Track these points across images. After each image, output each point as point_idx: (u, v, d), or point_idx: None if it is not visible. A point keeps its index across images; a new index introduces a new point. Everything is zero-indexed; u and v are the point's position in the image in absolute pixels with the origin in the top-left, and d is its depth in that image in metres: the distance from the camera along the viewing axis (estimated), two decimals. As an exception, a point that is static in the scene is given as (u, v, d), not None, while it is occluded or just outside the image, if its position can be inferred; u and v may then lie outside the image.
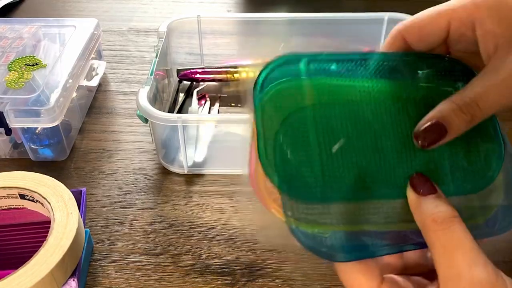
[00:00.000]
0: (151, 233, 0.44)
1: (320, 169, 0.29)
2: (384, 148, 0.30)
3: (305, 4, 0.80)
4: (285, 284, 0.40)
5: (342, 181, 0.29)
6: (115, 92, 0.62)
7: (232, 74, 0.61)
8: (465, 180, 0.30)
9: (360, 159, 0.30)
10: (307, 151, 0.29)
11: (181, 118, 0.45)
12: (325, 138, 0.30)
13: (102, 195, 0.48)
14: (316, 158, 0.29)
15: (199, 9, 0.72)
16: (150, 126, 0.49)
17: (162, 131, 0.50)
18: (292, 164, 0.29)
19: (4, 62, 0.54)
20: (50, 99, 0.48)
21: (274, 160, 0.29)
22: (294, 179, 0.29)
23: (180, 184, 0.49)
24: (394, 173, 0.30)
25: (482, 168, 0.31)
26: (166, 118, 0.46)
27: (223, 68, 0.62)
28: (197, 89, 0.61)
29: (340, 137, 0.30)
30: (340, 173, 0.29)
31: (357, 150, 0.30)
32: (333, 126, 0.30)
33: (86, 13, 0.80)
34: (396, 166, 0.30)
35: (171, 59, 0.62)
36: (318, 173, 0.29)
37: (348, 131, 0.30)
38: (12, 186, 0.39)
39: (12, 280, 0.33)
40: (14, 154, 0.52)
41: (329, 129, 0.30)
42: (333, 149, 0.30)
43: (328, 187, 0.29)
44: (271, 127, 0.30)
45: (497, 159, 0.31)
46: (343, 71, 0.32)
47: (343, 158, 0.30)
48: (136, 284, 0.40)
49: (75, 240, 0.36)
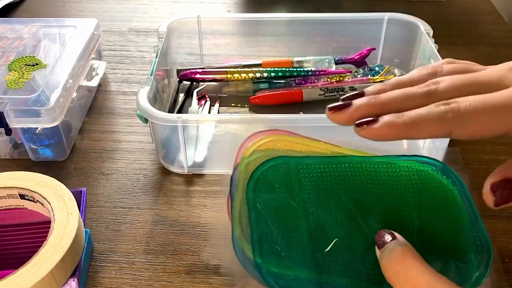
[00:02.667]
0: (151, 233, 0.44)
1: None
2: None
3: (305, 4, 0.80)
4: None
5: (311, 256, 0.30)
6: (115, 92, 0.62)
7: (232, 74, 0.60)
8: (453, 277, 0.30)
9: (333, 236, 0.31)
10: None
11: (181, 118, 0.45)
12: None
13: (102, 195, 0.48)
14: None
15: (199, 10, 0.72)
16: (150, 126, 0.49)
17: (162, 131, 0.50)
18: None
19: (4, 62, 0.54)
20: (50, 99, 0.48)
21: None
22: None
23: (180, 184, 0.49)
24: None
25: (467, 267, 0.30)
26: (166, 118, 0.46)
27: (223, 68, 0.62)
28: (197, 89, 0.61)
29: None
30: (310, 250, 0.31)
31: (331, 227, 0.31)
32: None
33: (86, 13, 0.80)
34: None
35: (171, 59, 0.62)
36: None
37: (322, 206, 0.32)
38: (12, 186, 0.40)
39: (12, 280, 0.33)
40: (14, 154, 0.52)
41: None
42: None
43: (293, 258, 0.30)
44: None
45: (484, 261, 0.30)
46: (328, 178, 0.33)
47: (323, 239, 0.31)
48: (136, 284, 0.40)
49: (75, 240, 0.36)
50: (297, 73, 0.60)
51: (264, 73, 0.60)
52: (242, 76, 0.60)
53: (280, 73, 0.60)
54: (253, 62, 0.63)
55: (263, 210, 0.32)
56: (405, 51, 0.62)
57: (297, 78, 0.61)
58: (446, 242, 0.31)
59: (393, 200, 0.33)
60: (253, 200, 0.32)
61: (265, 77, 0.60)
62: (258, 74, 0.60)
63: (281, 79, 0.61)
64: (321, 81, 0.60)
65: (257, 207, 0.32)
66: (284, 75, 0.60)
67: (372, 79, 0.60)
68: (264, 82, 0.61)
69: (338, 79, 0.60)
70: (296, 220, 0.32)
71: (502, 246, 0.42)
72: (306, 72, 0.61)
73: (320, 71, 0.61)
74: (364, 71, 0.62)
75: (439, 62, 0.32)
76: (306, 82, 0.60)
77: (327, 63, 0.63)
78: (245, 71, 0.61)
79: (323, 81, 0.60)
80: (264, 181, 0.33)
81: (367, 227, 0.31)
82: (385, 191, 0.33)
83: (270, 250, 0.30)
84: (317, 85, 0.60)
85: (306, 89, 0.59)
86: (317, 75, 0.61)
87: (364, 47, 0.64)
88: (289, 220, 0.31)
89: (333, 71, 0.61)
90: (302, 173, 0.33)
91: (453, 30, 0.75)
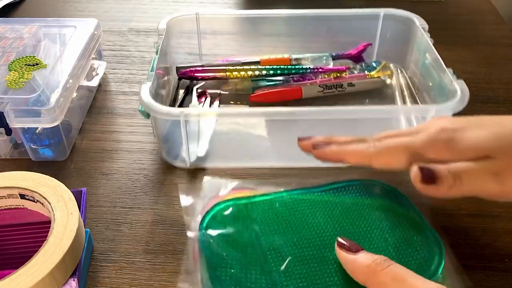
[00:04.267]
0: (151, 233, 0.44)
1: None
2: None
3: (305, 2, 0.80)
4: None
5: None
6: (115, 92, 0.62)
7: (231, 72, 0.60)
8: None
9: (286, 255, 0.36)
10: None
11: (183, 112, 0.46)
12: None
13: (102, 195, 0.48)
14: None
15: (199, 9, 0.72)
16: (152, 122, 0.50)
17: (164, 126, 0.50)
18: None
19: (5, 62, 0.54)
20: (50, 99, 0.48)
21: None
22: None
23: (183, 178, 0.49)
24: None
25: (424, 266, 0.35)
26: (168, 113, 0.46)
27: (222, 66, 0.62)
28: (197, 86, 0.61)
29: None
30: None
31: (284, 248, 0.36)
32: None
33: (86, 13, 0.80)
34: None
35: (171, 58, 0.62)
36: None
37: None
38: (12, 186, 0.40)
39: (12, 280, 0.33)
40: (14, 154, 0.52)
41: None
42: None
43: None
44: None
45: (438, 255, 0.36)
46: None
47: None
48: (136, 284, 0.40)
49: (76, 240, 0.36)
50: (296, 71, 0.61)
51: (263, 71, 0.60)
52: (241, 74, 0.60)
53: (278, 71, 0.60)
54: (252, 60, 0.63)
55: (216, 244, 0.36)
56: (401, 46, 0.63)
57: (295, 75, 0.61)
58: (397, 244, 0.37)
59: (341, 216, 0.39)
60: (204, 237, 0.37)
61: (264, 74, 0.60)
62: (257, 72, 0.60)
63: (279, 76, 0.61)
64: (319, 77, 0.61)
65: (211, 242, 0.36)
66: (282, 73, 0.61)
67: (369, 74, 0.60)
68: (262, 80, 0.61)
69: (336, 76, 0.60)
70: (250, 248, 0.36)
71: (502, 246, 0.42)
72: (304, 69, 0.61)
73: (318, 68, 0.61)
74: (361, 67, 0.63)
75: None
76: (304, 79, 0.61)
77: (324, 60, 0.63)
78: (243, 69, 0.61)
79: (321, 78, 0.60)
80: (216, 220, 0.38)
81: (319, 242, 0.36)
82: (333, 211, 0.39)
83: (226, 274, 0.34)
84: (316, 82, 0.60)
85: (305, 86, 0.59)
86: (315, 72, 0.61)
87: (360, 43, 0.64)
88: (243, 249, 0.36)
89: (331, 68, 0.61)
90: (251, 210, 0.39)
91: (453, 30, 0.75)
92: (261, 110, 0.47)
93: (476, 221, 0.45)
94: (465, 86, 0.47)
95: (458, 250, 0.42)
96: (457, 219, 0.45)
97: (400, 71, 0.63)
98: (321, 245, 0.36)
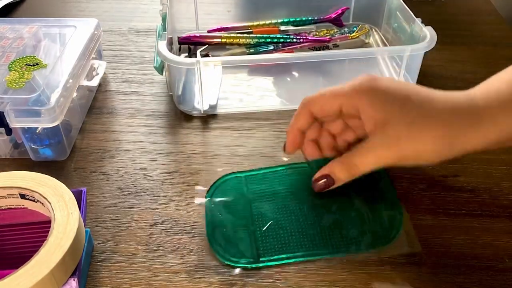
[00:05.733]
0: (151, 233, 0.44)
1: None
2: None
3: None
4: (285, 284, 0.40)
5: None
6: (115, 92, 0.62)
7: (227, 39, 0.67)
8: (373, 240, 0.42)
9: (269, 219, 0.44)
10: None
11: (198, 61, 0.52)
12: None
13: (103, 195, 0.48)
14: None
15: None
16: (166, 76, 0.57)
17: (179, 76, 0.59)
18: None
19: (5, 62, 0.54)
20: (50, 99, 0.48)
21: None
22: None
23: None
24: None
25: (386, 230, 0.43)
26: (184, 62, 0.54)
27: (219, 32, 0.69)
28: (200, 49, 0.66)
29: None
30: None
31: (268, 214, 0.44)
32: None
33: (87, 13, 0.80)
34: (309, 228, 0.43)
35: (173, 28, 0.66)
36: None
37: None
38: (12, 186, 0.40)
39: (12, 280, 0.33)
40: (15, 154, 0.52)
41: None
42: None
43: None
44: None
45: (398, 223, 0.43)
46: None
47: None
48: (136, 284, 0.40)
49: (76, 240, 0.36)
50: (284, 40, 0.67)
51: (255, 39, 0.67)
52: (236, 40, 0.67)
53: (271, 39, 0.67)
54: (245, 29, 0.71)
55: (216, 209, 0.45)
56: (375, 7, 0.71)
57: (284, 43, 0.67)
58: (368, 213, 0.44)
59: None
60: (209, 203, 0.45)
61: (256, 43, 0.67)
62: (250, 40, 0.67)
63: (270, 44, 0.68)
64: (308, 36, 0.68)
65: (212, 207, 0.45)
66: (273, 41, 0.67)
67: (350, 36, 0.69)
68: (255, 47, 0.67)
69: (324, 34, 0.70)
70: (242, 212, 0.44)
71: (502, 246, 0.42)
72: (291, 39, 0.67)
73: (304, 36, 0.68)
74: (343, 31, 0.71)
75: None
76: (293, 45, 0.68)
77: (308, 30, 0.72)
78: (238, 37, 0.67)
79: (310, 38, 0.68)
80: (220, 190, 0.47)
81: (298, 211, 0.44)
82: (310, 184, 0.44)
83: (219, 232, 0.43)
84: (305, 45, 0.67)
85: (296, 49, 0.66)
86: (303, 39, 0.68)
87: (339, 7, 0.72)
88: (236, 213, 0.44)
89: (316, 38, 0.68)
90: (250, 181, 0.48)
91: (453, 30, 0.75)
92: (265, 57, 0.59)
93: (476, 221, 0.45)
94: (434, 32, 0.56)
95: (458, 250, 0.42)
96: (457, 219, 0.45)
97: (375, 30, 0.73)
98: (300, 213, 0.44)
